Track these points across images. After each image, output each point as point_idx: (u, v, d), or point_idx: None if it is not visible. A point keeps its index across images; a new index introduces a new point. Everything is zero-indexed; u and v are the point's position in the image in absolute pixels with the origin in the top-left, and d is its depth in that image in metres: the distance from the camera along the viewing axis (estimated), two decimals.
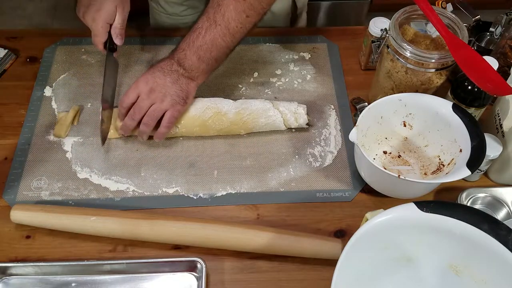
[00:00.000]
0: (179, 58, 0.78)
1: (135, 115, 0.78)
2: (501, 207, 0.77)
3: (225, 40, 0.77)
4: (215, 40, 0.77)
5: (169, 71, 0.78)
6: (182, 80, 0.78)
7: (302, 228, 0.76)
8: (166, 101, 0.77)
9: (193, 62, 0.78)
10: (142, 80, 0.77)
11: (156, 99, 0.77)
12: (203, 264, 0.69)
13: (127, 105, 0.78)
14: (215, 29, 0.76)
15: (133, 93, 0.78)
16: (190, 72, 0.78)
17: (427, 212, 0.58)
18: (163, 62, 0.79)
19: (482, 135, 0.71)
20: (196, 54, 0.77)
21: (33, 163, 0.82)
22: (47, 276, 0.70)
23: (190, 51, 0.77)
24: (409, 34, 0.81)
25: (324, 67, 0.98)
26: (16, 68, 0.96)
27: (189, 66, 0.78)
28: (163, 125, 0.79)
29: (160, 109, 0.77)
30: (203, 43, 0.77)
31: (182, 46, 0.78)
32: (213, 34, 0.76)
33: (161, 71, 0.78)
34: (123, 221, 0.71)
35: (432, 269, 0.64)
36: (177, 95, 0.78)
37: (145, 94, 0.77)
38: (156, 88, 0.77)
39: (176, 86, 0.78)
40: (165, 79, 0.77)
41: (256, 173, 0.82)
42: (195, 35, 0.77)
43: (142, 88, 0.77)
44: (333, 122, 0.89)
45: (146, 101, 0.77)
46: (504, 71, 0.81)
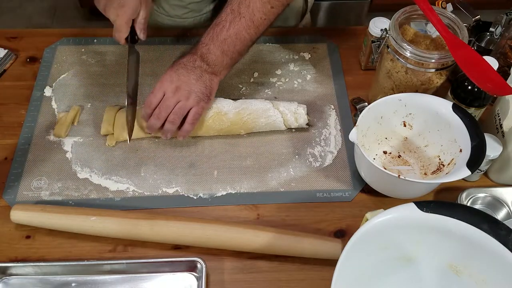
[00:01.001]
0: (202, 53, 0.78)
1: (161, 114, 0.77)
2: (501, 207, 0.77)
3: (249, 33, 0.77)
4: (239, 33, 0.76)
5: (192, 67, 0.77)
6: (206, 77, 0.78)
7: (302, 228, 0.76)
8: (191, 99, 0.77)
9: (217, 56, 0.77)
10: (167, 79, 0.77)
11: (181, 97, 0.77)
12: (203, 264, 0.69)
13: (154, 106, 0.78)
14: (239, 21, 0.76)
15: (159, 92, 0.77)
16: (213, 67, 0.78)
17: (427, 212, 0.58)
18: (186, 58, 0.78)
19: (482, 135, 0.71)
20: (220, 48, 0.77)
21: (33, 163, 0.82)
22: (47, 276, 0.70)
23: (214, 45, 0.77)
24: (409, 34, 0.81)
25: (324, 67, 0.98)
26: (16, 68, 0.96)
27: (212, 61, 0.78)
28: (188, 122, 0.79)
29: (185, 107, 0.77)
30: (227, 36, 0.76)
31: (205, 40, 0.78)
32: (237, 27, 0.76)
33: (185, 68, 0.77)
34: (123, 221, 0.71)
35: (432, 269, 0.64)
36: (201, 92, 0.78)
37: (170, 93, 0.77)
38: (181, 86, 0.77)
39: (200, 83, 0.77)
40: (189, 76, 0.77)
41: (256, 173, 0.82)
42: (219, 29, 0.77)
43: (167, 87, 0.77)
44: (333, 122, 0.89)
45: (172, 99, 0.77)
46: (504, 71, 0.81)
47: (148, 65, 0.96)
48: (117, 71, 0.95)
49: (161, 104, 0.77)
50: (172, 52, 0.98)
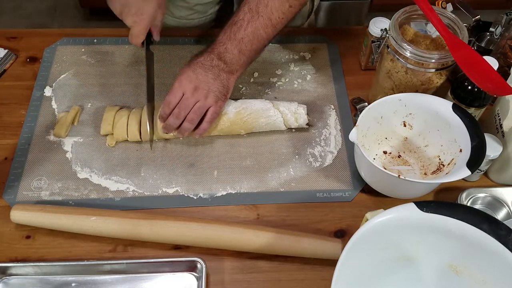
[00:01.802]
0: (220, 52, 0.78)
1: (181, 113, 0.77)
2: (501, 207, 0.77)
3: (266, 32, 0.77)
4: (256, 32, 0.77)
5: (209, 66, 0.77)
6: (223, 76, 0.78)
7: (302, 228, 0.76)
8: (209, 98, 0.77)
9: (234, 55, 0.78)
10: (185, 78, 0.77)
11: (200, 96, 0.77)
12: (203, 264, 0.69)
13: (173, 105, 0.78)
14: (257, 20, 0.76)
15: (178, 92, 0.77)
16: (230, 66, 0.78)
17: (427, 212, 0.58)
18: (203, 57, 0.78)
19: (482, 135, 0.71)
20: (238, 47, 0.77)
21: (33, 163, 0.82)
22: (47, 276, 0.70)
23: (231, 44, 0.77)
24: (409, 34, 0.81)
25: (324, 67, 0.97)
26: (16, 68, 0.96)
27: (229, 60, 0.78)
28: (206, 121, 0.79)
29: (204, 107, 0.78)
30: (244, 35, 0.77)
31: (222, 39, 0.78)
32: (255, 26, 0.76)
33: (202, 68, 0.77)
34: (123, 221, 0.71)
35: (432, 269, 0.64)
36: (219, 91, 0.78)
37: (189, 93, 0.77)
38: (199, 86, 0.77)
39: (218, 82, 0.78)
40: (207, 76, 0.77)
41: (256, 173, 0.82)
42: (236, 28, 0.77)
43: (186, 87, 0.77)
44: (333, 122, 0.89)
45: (191, 99, 0.77)
46: (504, 71, 0.81)
47: None
48: (117, 71, 0.95)
49: (180, 104, 0.77)
50: (173, 52, 0.98)
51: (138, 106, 0.88)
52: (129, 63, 0.97)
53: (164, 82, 0.94)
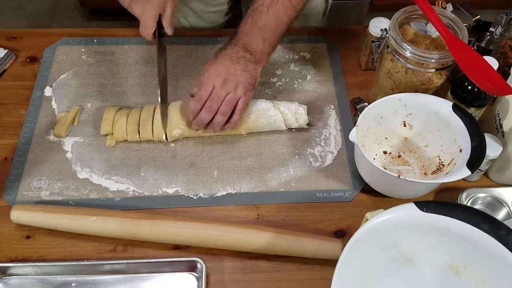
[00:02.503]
0: (244, 43, 0.78)
1: (213, 107, 0.77)
2: (501, 207, 0.77)
3: (287, 15, 0.77)
4: (277, 16, 0.77)
5: (236, 58, 0.78)
6: (250, 66, 0.78)
7: (302, 228, 0.76)
8: (239, 89, 0.77)
9: (259, 45, 0.78)
10: (214, 72, 0.77)
11: (230, 89, 0.77)
12: (203, 264, 0.69)
13: (205, 100, 0.78)
14: (277, 4, 0.76)
15: (208, 86, 0.77)
16: (256, 55, 0.79)
17: (427, 212, 0.58)
18: (229, 49, 0.78)
19: (482, 135, 0.71)
20: (261, 36, 0.77)
21: (33, 163, 0.82)
22: (47, 276, 0.70)
23: (255, 33, 0.77)
24: (409, 34, 0.81)
25: (324, 67, 0.97)
26: (16, 68, 0.96)
27: (255, 50, 0.78)
28: (237, 112, 0.79)
29: (234, 98, 0.78)
30: (266, 22, 0.77)
31: (245, 29, 0.78)
32: (276, 10, 0.76)
33: (230, 60, 0.77)
34: (123, 221, 0.71)
35: (432, 269, 0.64)
36: (248, 82, 0.78)
37: (219, 86, 0.77)
38: (229, 78, 0.77)
39: (246, 73, 0.78)
40: (235, 67, 0.77)
41: (256, 173, 0.82)
42: (257, 15, 0.77)
43: (216, 80, 0.77)
44: (333, 122, 0.89)
45: (221, 92, 0.77)
46: (504, 71, 0.81)
47: (147, 65, 0.96)
48: (117, 71, 0.95)
49: (212, 97, 0.77)
50: (173, 51, 0.98)
51: (138, 106, 0.88)
52: (129, 63, 0.97)
53: None
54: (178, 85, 0.93)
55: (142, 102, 0.90)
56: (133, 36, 1.01)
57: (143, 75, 0.95)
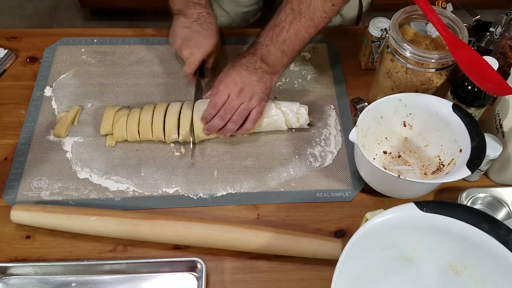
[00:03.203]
0: (262, 54, 0.79)
1: (226, 115, 0.79)
2: (501, 207, 0.77)
3: (308, 32, 0.78)
4: (299, 33, 0.78)
5: (253, 69, 0.79)
6: (266, 77, 0.80)
7: (302, 228, 0.76)
8: (253, 99, 0.79)
9: (277, 57, 0.79)
10: (231, 81, 0.78)
11: (245, 98, 0.78)
12: (203, 264, 0.69)
13: (219, 107, 0.79)
14: (299, 21, 0.77)
15: (224, 94, 0.79)
16: (273, 67, 0.80)
17: (427, 212, 0.58)
18: (246, 59, 0.79)
19: (482, 135, 0.71)
20: (280, 49, 0.78)
21: (33, 163, 0.82)
22: (47, 276, 0.70)
23: (274, 46, 0.78)
24: (409, 34, 0.81)
25: (324, 67, 0.97)
26: (16, 68, 0.96)
27: (272, 62, 0.79)
28: (250, 121, 0.80)
29: (248, 108, 0.79)
30: (287, 37, 0.78)
31: (265, 41, 0.79)
32: (297, 27, 0.77)
33: (247, 70, 0.79)
34: (123, 221, 0.71)
35: (432, 269, 0.64)
36: (262, 93, 0.80)
37: (235, 95, 0.78)
38: (244, 88, 0.78)
39: (261, 84, 0.79)
40: (251, 78, 0.78)
41: (256, 173, 0.82)
42: (278, 30, 0.78)
43: (232, 89, 0.78)
44: (333, 122, 0.89)
45: (236, 101, 0.78)
46: (504, 71, 0.81)
47: (147, 65, 0.96)
48: (117, 71, 0.95)
49: (226, 106, 0.79)
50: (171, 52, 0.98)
51: (138, 106, 0.88)
52: (129, 63, 0.97)
53: (165, 82, 0.94)
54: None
55: (142, 102, 0.90)
56: (133, 36, 1.01)
57: (143, 75, 0.95)
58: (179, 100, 0.87)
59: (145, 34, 1.02)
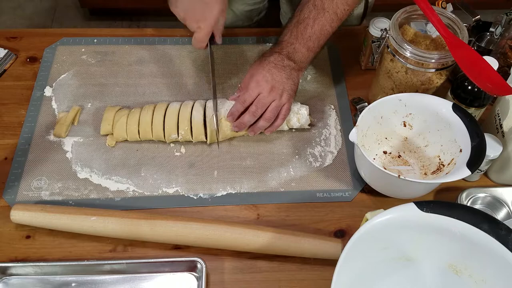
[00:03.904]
0: (289, 52, 0.80)
1: (257, 111, 0.79)
2: (501, 207, 0.77)
3: (332, 26, 0.80)
4: (323, 28, 0.79)
5: (281, 66, 0.79)
6: (294, 74, 0.81)
7: (302, 228, 0.76)
8: (284, 97, 0.80)
9: (303, 54, 0.80)
10: (262, 79, 0.79)
11: (276, 95, 0.79)
12: (203, 264, 0.69)
13: (248, 104, 0.80)
14: (323, 16, 0.78)
15: (254, 92, 0.79)
16: (299, 64, 0.81)
17: (427, 212, 0.58)
18: (273, 57, 0.80)
19: (482, 135, 0.71)
20: (306, 46, 0.80)
21: (33, 163, 0.82)
22: (47, 276, 0.70)
23: (300, 44, 0.80)
24: (409, 34, 0.81)
25: (324, 67, 0.97)
26: (16, 68, 0.96)
27: (299, 59, 0.80)
28: (280, 117, 0.81)
29: (280, 105, 0.80)
30: (312, 33, 0.79)
31: (290, 40, 0.80)
32: (322, 23, 0.78)
33: (276, 68, 0.79)
34: (123, 221, 0.71)
35: (432, 269, 0.64)
36: (291, 90, 0.81)
37: (266, 92, 0.79)
38: (275, 85, 0.79)
39: (290, 81, 0.80)
40: (281, 75, 0.79)
41: (256, 173, 0.82)
42: (303, 27, 0.79)
43: (263, 87, 0.79)
44: (333, 122, 0.89)
45: (267, 98, 0.79)
46: (504, 71, 0.81)
47: (147, 65, 0.96)
48: (117, 71, 0.95)
49: (257, 102, 0.79)
50: (173, 51, 0.98)
51: (138, 106, 0.88)
52: (129, 63, 0.97)
53: (165, 82, 0.94)
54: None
55: (142, 102, 0.90)
56: (133, 36, 1.01)
57: (143, 75, 0.95)
58: (179, 100, 0.87)
59: (145, 34, 1.02)
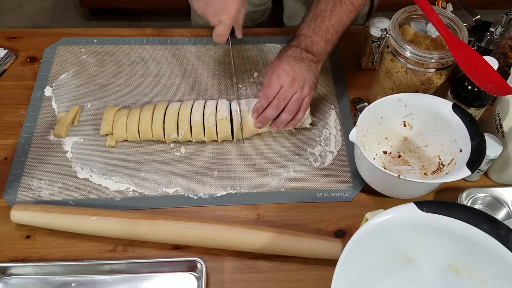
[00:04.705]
0: (307, 45, 0.80)
1: (280, 104, 0.79)
2: (501, 207, 0.77)
3: (350, 17, 0.80)
4: (341, 20, 0.79)
5: (300, 58, 0.80)
6: (313, 66, 0.81)
7: (302, 228, 0.76)
8: (305, 89, 0.80)
9: (321, 46, 0.80)
10: (283, 72, 0.79)
11: (297, 88, 0.79)
12: (203, 264, 0.69)
13: (271, 98, 0.80)
14: (340, 8, 0.79)
15: (276, 85, 0.79)
16: (318, 56, 0.81)
17: (427, 212, 0.58)
18: (291, 51, 0.80)
19: (482, 135, 0.71)
20: (324, 38, 0.80)
21: (33, 163, 0.82)
22: (47, 276, 0.70)
23: (318, 36, 0.80)
24: (409, 34, 0.81)
25: (324, 67, 0.97)
26: (16, 68, 0.96)
27: (317, 51, 0.80)
28: (302, 110, 0.81)
29: (301, 97, 0.80)
30: (329, 25, 0.79)
31: (308, 33, 0.80)
32: (339, 14, 0.79)
33: (295, 60, 0.79)
34: (123, 221, 0.71)
35: (432, 269, 0.64)
36: (312, 82, 0.81)
37: (288, 85, 0.79)
38: (296, 77, 0.79)
39: (310, 73, 0.80)
40: (301, 67, 0.79)
41: (256, 173, 0.82)
42: (320, 19, 0.79)
43: (284, 80, 0.79)
44: (333, 122, 0.89)
45: (289, 91, 0.79)
46: (504, 71, 0.81)
47: (147, 65, 0.96)
48: (117, 71, 0.95)
49: (279, 96, 0.79)
50: (173, 52, 0.98)
51: (138, 106, 0.88)
52: (129, 63, 0.97)
53: (165, 81, 0.94)
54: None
55: (142, 102, 0.90)
56: (133, 36, 1.01)
57: (143, 75, 0.95)
58: (179, 100, 0.87)
59: (145, 34, 1.02)
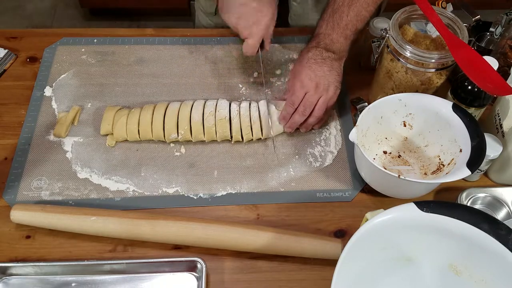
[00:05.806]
0: (326, 44, 0.80)
1: (306, 110, 0.80)
2: (501, 207, 0.77)
3: (368, 10, 0.79)
4: (359, 14, 0.79)
5: (321, 59, 0.79)
6: (335, 64, 0.80)
7: (302, 228, 0.76)
8: (330, 90, 0.80)
9: (341, 43, 0.80)
10: (305, 78, 0.79)
11: (322, 91, 0.79)
12: (203, 264, 0.69)
13: (297, 104, 0.80)
14: (357, 2, 0.78)
15: (301, 92, 0.79)
16: (339, 53, 0.81)
17: (427, 212, 0.58)
18: (311, 53, 0.80)
19: (482, 135, 0.71)
20: (343, 35, 0.79)
21: (33, 163, 0.82)
22: (47, 276, 0.70)
23: (337, 33, 0.79)
24: (409, 34, 0.81)
25: None
26: (16, 68, 0.96)
27: (338, 49, 0.80)
28: (326, 113, 0.83)
29: (327, 100, 0.80)
30: (348, 21, 0.78)
31: (326, 31, 0.80)
32: (357, 9, 0.78)
33: (316, 63, 0.79)
34: (123, 221, 0.71)
35: (432, 269, 0.64)
36: (336, 81, 0.80)
37: (313, 90, 0.79)
38: (320, 81, 0.79)
39: (333, 72, 0.80)
40: (323, 69, 0.79)
41: (256, 173, 0.82)
42: (338, 16, 0.79)
43: (308, 86, 0.79)
44: (333, 122, 0.89)
45: (314, 96, 0.79)
46: (504, 71, 0.81)
47: (147, 65, 0.96)
48: (117, 71, 0.95)
49: (305, 102, 0.79)
50: (173, 52, 0.98)
51: (138, 106, 0.88)
52: (129, 63, 0.97)
53: (165, 82, 0.94)
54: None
55: (142, 102, 0.90)
56: (133, 36, 1.01)
57: (143, 75, 0.95)
58: (179, 100, 0.87)
59: (145, 34, 1.02)
